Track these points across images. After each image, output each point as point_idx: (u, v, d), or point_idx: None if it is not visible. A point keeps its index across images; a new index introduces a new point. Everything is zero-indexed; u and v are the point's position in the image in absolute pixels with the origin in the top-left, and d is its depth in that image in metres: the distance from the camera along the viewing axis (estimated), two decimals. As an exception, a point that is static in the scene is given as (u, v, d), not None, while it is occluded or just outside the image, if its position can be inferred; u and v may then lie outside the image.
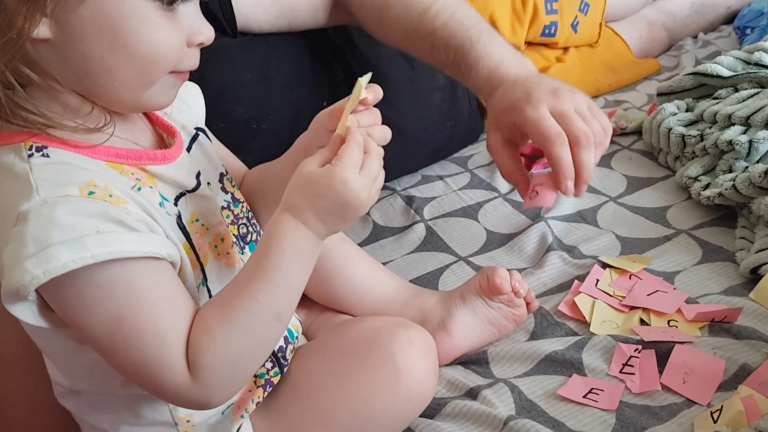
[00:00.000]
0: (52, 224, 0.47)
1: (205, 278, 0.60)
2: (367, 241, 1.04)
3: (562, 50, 1.48)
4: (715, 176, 0.94)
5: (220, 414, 0.64)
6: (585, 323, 0.79)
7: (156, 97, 0.55)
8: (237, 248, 0.65)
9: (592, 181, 1.05)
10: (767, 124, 0.92)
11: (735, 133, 0.93)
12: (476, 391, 0.72)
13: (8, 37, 0.47)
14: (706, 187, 0.94)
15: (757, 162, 0.90)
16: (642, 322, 0.78)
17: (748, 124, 0.94)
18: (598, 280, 0.84)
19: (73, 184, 0.49)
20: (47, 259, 0.46)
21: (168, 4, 0.51)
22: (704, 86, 1.13)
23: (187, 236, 0.58)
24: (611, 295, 0.82)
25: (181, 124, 0.65)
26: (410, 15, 0.89)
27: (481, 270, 0.83)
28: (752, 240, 0.84)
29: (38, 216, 0.47)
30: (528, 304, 0.80)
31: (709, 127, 1.00)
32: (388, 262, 0.98)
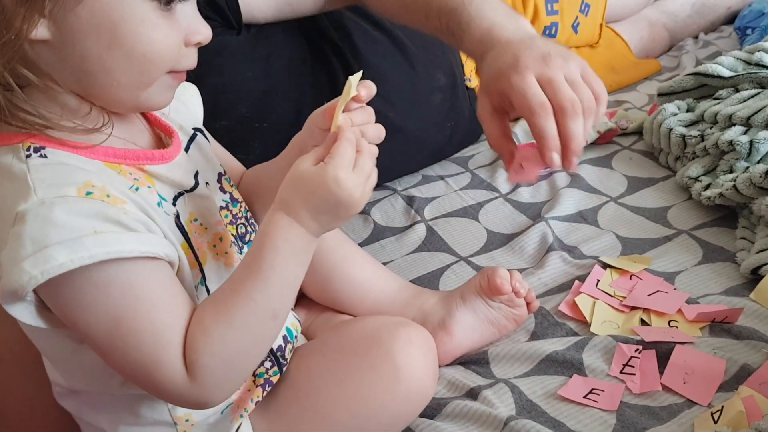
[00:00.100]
0: (50, 224, 0.47)
1: (203, 278, 0.60)
2: (368, 241, 1.04)
3: (563, 51, 1.48)
4: (715, 176, 0.94)
5: (220, 413, 0.64)
6: (585, 323, 0.79)
7: (154, 97, 0.55)
8: (235, 248, 0.65)
9: (593, 181, 1.07)
10: (768, 125, 0.92)
11: (736, 134, 0.93)
12: (476, 391, 0.72)
13: (6, 39, 0.47)
14: (707, 187, 0.94)
15: (758, 162, 0.90)
16: (642, 322, 0.78)
17: (748, 125, 0.94)
18: (598, 281, 0.84)
19: (71, 185, 0.49)
20: (45, 259, 0.46)
21: (165, 3, 0.51)
22: (705, 86, 1.12)
23: (186, 236, 0.58)
24: (612, 296, 0.81)
25: (178, 125, 0.66)
26: None
27: (481, 270, 0.83)
28: (753, 240, 0.84)
29: (36, 216, 0.47)
30: (528, 304, 0.79)
31: (710, 128, 1.00)
32: (389, 262, 0.98)
